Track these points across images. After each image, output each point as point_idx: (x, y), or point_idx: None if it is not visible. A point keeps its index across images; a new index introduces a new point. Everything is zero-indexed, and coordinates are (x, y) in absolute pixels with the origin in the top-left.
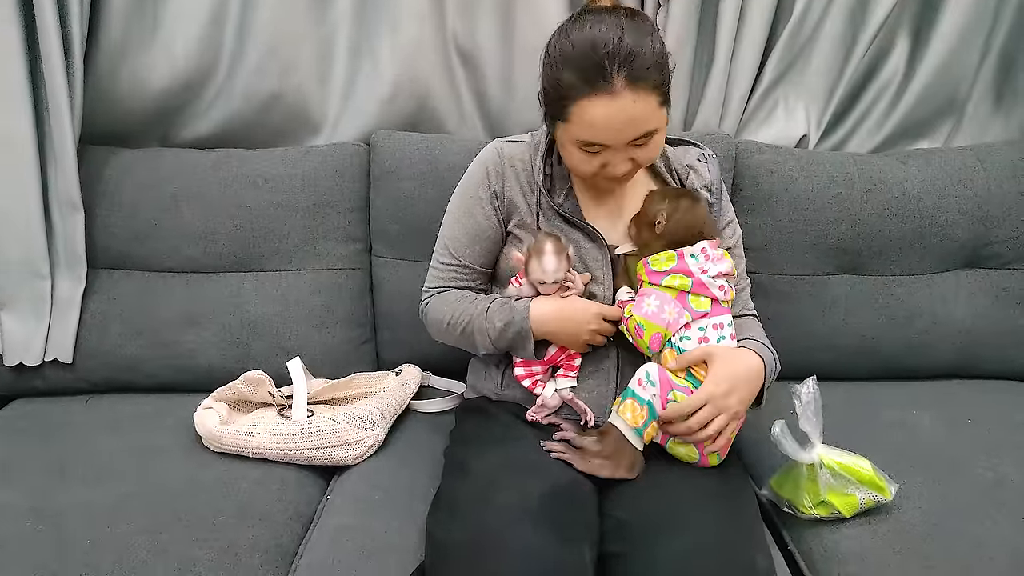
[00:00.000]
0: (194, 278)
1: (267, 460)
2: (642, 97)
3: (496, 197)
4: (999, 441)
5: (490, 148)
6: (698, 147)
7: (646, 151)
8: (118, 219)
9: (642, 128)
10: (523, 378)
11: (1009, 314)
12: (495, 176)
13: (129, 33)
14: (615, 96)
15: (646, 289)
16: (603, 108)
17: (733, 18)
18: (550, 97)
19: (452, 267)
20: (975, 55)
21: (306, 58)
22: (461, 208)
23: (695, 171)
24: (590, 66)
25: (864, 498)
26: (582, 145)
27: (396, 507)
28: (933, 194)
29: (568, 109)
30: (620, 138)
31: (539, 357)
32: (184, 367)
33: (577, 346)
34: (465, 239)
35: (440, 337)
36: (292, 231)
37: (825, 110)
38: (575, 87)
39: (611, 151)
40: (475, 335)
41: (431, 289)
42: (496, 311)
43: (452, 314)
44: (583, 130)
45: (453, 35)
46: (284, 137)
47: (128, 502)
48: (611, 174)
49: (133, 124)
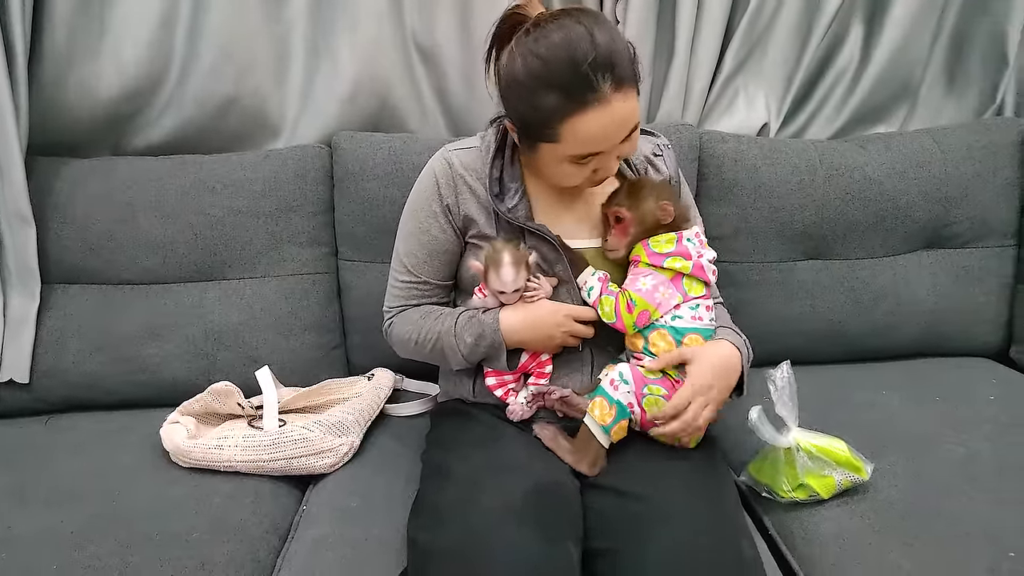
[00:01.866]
0: (154, 289)
1: (239, 473)
2: (628, 97)
3: (449, 210)
4: (967, 417)
5: (439, 159)
6: (655, 136)
7: (631, 143)
8: (71, 231)
9: (631, 125)
10: (495, 387)
11: (970, 292)
12: (447, 189)
13: (75, 39)
14: (606, 105)
15: (642, 269)
16: (597, 120)
17: (691, 9)
18: (530, 123)
19: (412, 284)
20: (927, 39)
21: (262, 59)
22: (414, 223)
23: (652, 165)
24: (575, 82)
25: (841, 479)
26: (575, 160)
27: (375, 514)
28: (893, 177)
29: (556, 131)
30: (614, 142)
31: (511, 367)
32: (147, 382)
33: (550, 350)
34: (422, 255)
35: (408, 356)
36: (255, 237)
37: (784, 98)
38: (561, 107)
39: (604, 156)
40: (446, 352)
41: (392, 309)
42: (464, 326)
43: (418, 333)
44: (577, 146)
45: (412, 33)
46: (242, 141)
47: (95, 524)
48: (602, 177)
49: (83, 133)
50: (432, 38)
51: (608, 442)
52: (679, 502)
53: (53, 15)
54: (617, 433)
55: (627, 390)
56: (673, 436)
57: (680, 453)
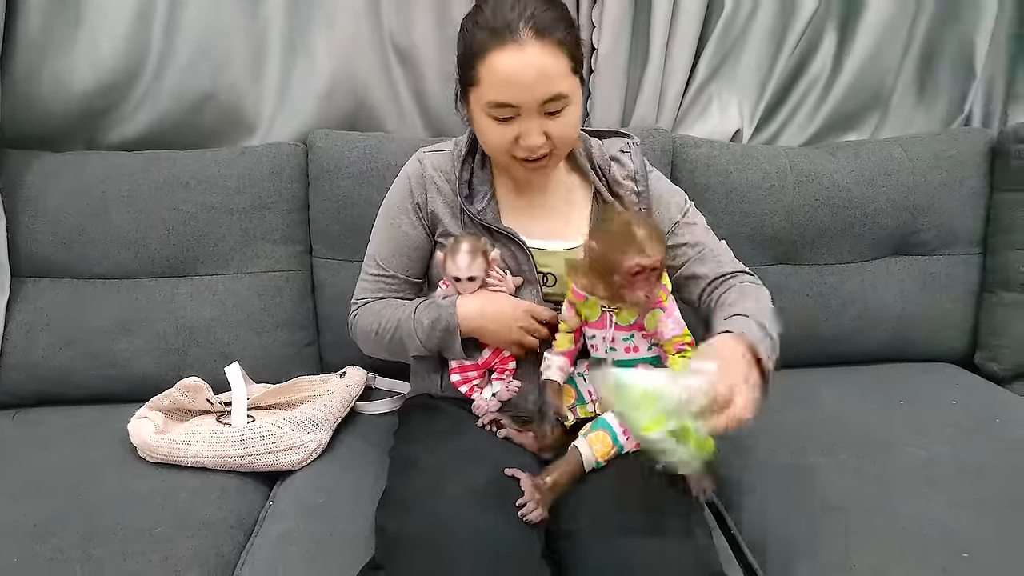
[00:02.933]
0: (125, 284)
1: (206, 469)
2: (549, 51)
3: (419, 208)
4: (930, 420)
5: (413, 159)
6: (626, 137)
7: (559, 126)
8: (42, 225)
9: (552, 88)
10: (460, 384)
11: (936, 298)
12: (417, 188)
13: (49, 31)
14: (522, 47)
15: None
16: (511, 59)
17: (666, 14)
18: (461, 63)
19: (379, 278)
20: (898, 48)
21: (238, 56)
22: (386, 220)
23: (618, 162)
24: (499, 22)
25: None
26: (493, 109)
27: (340, 510)
28: (862, 184)
29: (477, 70)
30: (531, 96)
31: (472, 359)
32: (117, 377)
33: (506, 344)
34: (392, 249)
35: (371, 349)
36: (228, 234)
37: (758, 105)
38: (484, 44)
39: (523, 118)
40: (404, 339)
41: (359, 301)
42: (423, 310)
43: (380, 322)
44: (493, 88)
45: (390, 33)
46: (217, 138)
47: (59, 517)
48: (526, 146)
49: (56, 127)
50: (410, 38)
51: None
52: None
53: (27, 7)
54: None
55: None
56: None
57: None
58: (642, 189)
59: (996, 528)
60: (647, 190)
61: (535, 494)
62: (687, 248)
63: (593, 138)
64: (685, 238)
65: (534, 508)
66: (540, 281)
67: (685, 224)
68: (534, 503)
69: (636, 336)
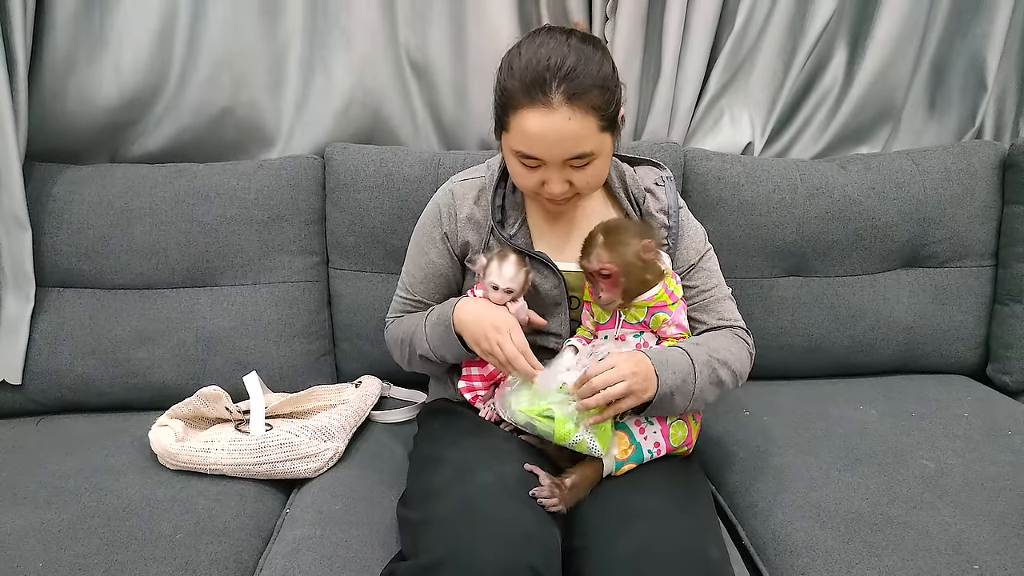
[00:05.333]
0: (146, 294)
1: (226, 476)
2: (579, 116)
3: (447, 238)
4: (940, 432)
5: (444, 189)
6: (658, 168)
7: (584, 176)
8: (67, 236)
9: (577, 148)
10: (465, 391)
11: (947, 310)
12: (447, 217)
13: (75, 48)
14: (552, 110)
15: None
16: (538, 120)
17: (678, 31)
18: (496, 106)
19: (407, 300)
20: (909, 63)
21: (258, 72)
22: (417, 246)
23: (652, 195)
24: (531, 77)
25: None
26: (520, 157)
27: (356, 516)
28: (873, 197)
29: (508, 118)
30: (554, 154)
31: (472, 357)
32: (138, 385)
33: (475, 346)
34: (419, 275)
35: (401, 359)
36: (247, 245)
37: (769, 118)
38: (516, 97)
39: (548, 168)
40: (415, 341)
41: (391, 318)
42: (435, 310)
43: (405, 330)
44: (519, 140)
45: (405, 48)
46: (237, 151)
47: (82, 523)
48: (549, 193)
49: (81, 141)
50: (425, 53)
51: (605, 473)
52: (650, 504)
53: (54, 23)
54: (624, 469)
55: (654, 429)
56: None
57: (656, 459)
58: (673, 224)
59: (1006, 540)
60: (677, 226)
61: (555, 489)
62: (696, 292)
63: (625, 164)
64: (696, 281)
65: (550, 496)
66: (568, 303)
67: (700, 268)
68: (548, 492)
69: (646, 333)
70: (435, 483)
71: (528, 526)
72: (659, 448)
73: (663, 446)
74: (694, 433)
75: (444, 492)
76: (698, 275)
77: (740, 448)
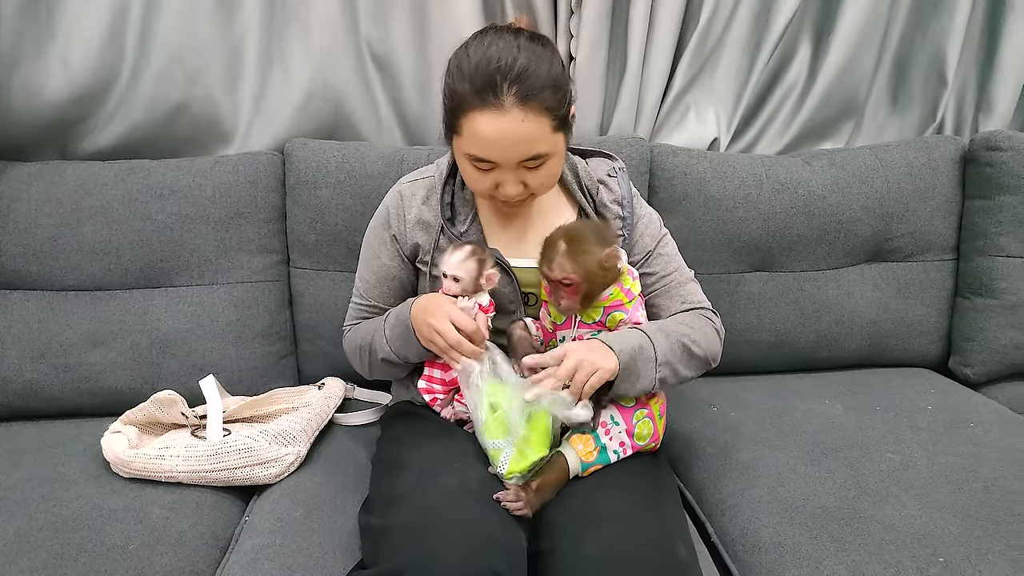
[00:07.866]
0: (98, 296)
1: (181, 484)
2: (532, 117)
3: (396, 240)
4: (905, 425)
5: (393, 191)
6: (610, 159)
7: (538, 176)
8: (13, 236)
9: (531, 150)
10: (424, 391)
11: (910, 304)
12: (396, 219)
13: (21, 41)
14: (503, 112)
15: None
16: (491, 123)
17: (643, 25)
18: (446, 109)
19: (362, 307)
20: (872, 58)
21: (214, 65)
22: (368, 249)
23: (606, 186)
24: (482, 80)
25: None
26: (472, 160)
27: (318, 523)
28: (837, 193)
29: (459, 121)
30: (508, 156)
31: (427, 353)
32: (90, 390)
33: (421, 338)
34: (372, 280)
35: (360, 366)
36: (203, 244)
37: (734, 114)
38: (467, 99)
39: (502, 170)
40: (375, 344)
41: (348, 326)
42: (393, 312)
43: (363, 336)
44: (472, 144)
45: (367, 41)
46: (192, 148)
47: (30, 535)
48: (503, 195)
49: (28, 136)
50: (387, 46)
51: (571, 476)
52: (617, 504)
53: None
54: (590, 470)
55: (620, 429)
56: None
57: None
58: (627, 214)
59: (970, 532)
60: (632, 215)
61: (520, 492)
62: (654, 279)
63: (577, 157)
64: (655, 268)
65: (515, 500)
66: (522, 301)
67: (658, 254)
68: (514, 496)
69: (603, 333)
70: (398, 488)
71: (492, 530)
72: (625, 448)
73: (628, 445)
74: (660, 429)
75: (406, 497)
76: (657, 261)
77: (708, 444)
